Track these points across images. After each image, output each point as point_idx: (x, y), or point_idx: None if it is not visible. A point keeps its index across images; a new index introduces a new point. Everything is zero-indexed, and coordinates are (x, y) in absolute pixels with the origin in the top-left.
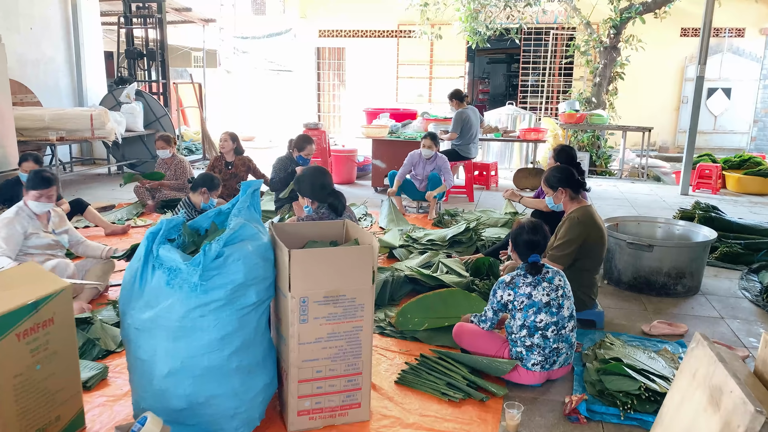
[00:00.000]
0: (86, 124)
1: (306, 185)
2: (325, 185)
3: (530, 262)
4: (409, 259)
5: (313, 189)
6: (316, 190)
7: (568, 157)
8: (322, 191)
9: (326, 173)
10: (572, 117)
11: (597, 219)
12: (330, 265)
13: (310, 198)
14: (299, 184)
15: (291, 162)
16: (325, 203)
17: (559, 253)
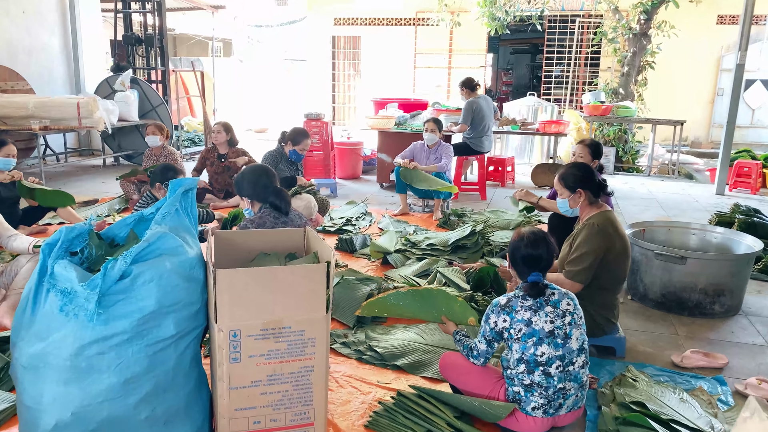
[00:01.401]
0: (72, 112)
1: (247, 185)
2: (267, 184)
3: (529, 281)
4: (405, 266)
5: (255, 188)
6: (258, 190)
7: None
8: (264, 191)
9: (269, 172)
10: (597, 109)
11: (619, 227)
12: (269, 289)
13: (250, 198)
14: (238, 184)
15: (281, 158)
16: (267, 203)
17: (577, 267)
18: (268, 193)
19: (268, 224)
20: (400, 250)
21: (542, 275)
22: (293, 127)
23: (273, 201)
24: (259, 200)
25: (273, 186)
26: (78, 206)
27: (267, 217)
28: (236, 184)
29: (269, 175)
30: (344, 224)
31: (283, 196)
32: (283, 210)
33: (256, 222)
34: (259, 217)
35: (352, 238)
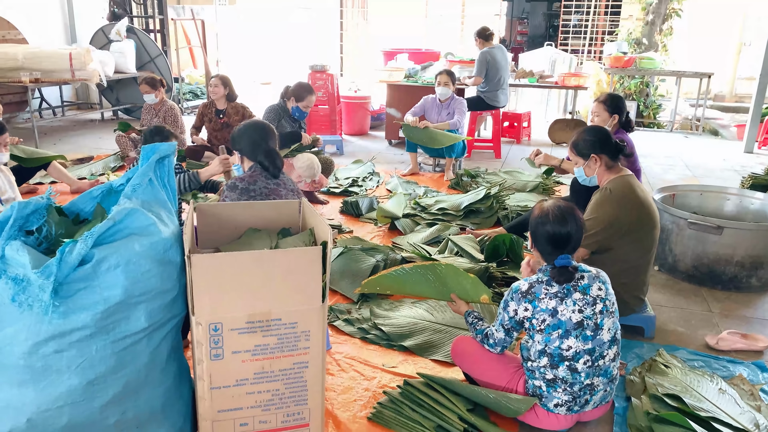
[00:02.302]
0: (65, 64)
1: (242, 139)
2: (260, 142)
3: (557, 265)
4: (415, 233)
5: (248, 144)
6: (251, 146)
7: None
8: (256, 148)
9: (266, 130)
10: (619, 60)
11: (637, 192)
12: (255, 276)
13: (241, 154)
14: (235, 138)
15: (284, 113)
16: (257, 162)
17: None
18: (259, 151)
19: (259, 182)
20: (409, 215)
21: (570, 256)
22: (297, 82)
23: (262, 161)
24: (251, 158)
25: (266, 145)
26: (71, 164)
27: (258, 176)
28: (232, 138)
29: (266, 132)
30: (350, 185)
31: (275, 158)
32: (270, 172)
33: (246, 180)
34: (250, 176)
35: (358, 201)
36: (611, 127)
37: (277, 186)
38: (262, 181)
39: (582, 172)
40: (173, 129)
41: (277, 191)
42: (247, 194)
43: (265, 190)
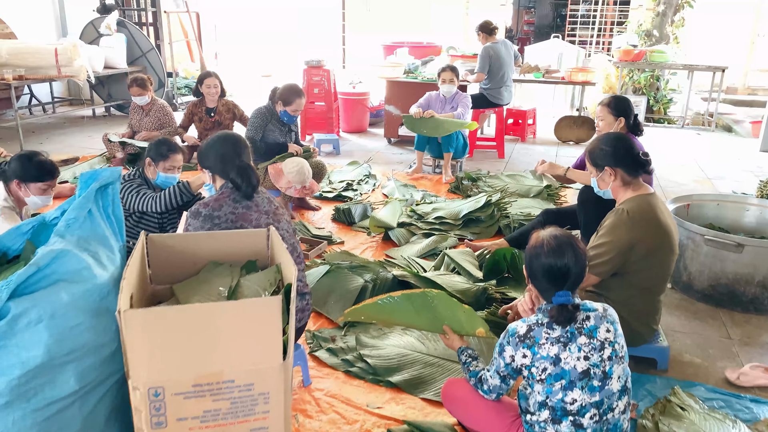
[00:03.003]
0: (50, 60)
1: (210, 155)
2: (231, 157)
3: (555, 303)
4: (410, 244)
5: (218, 160)
6: (221, 163)
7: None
8: (227, 164)
9: (237, 143)
10: (629, 54)
11: (658, 215)
12: (203, 333)
13: (211, 172)
14: (201, 153)
15: (272, 116)
16: (228, 180)
17: (596, 258)
18: (231, 167)
19: (226, 207)
20: (405, 224)
21: (572, 293)
22: (285, 84)
23: (234, 178)
24: (222, 175)
25: (239, 160)
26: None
27: (225, 200)
28: (199, 154)
29: (238, 146)
30: (344, 189)
31: (248, 175)
32: (243, 191)
33: (210, 205)
34: (216, 199)
35: (351, 208)
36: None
37: (248, 210)
38: (229, 205)
39: (596, 183)
40: (171, 127)
41: (246, 216)
42: (211, 221)
43: (231, 216)
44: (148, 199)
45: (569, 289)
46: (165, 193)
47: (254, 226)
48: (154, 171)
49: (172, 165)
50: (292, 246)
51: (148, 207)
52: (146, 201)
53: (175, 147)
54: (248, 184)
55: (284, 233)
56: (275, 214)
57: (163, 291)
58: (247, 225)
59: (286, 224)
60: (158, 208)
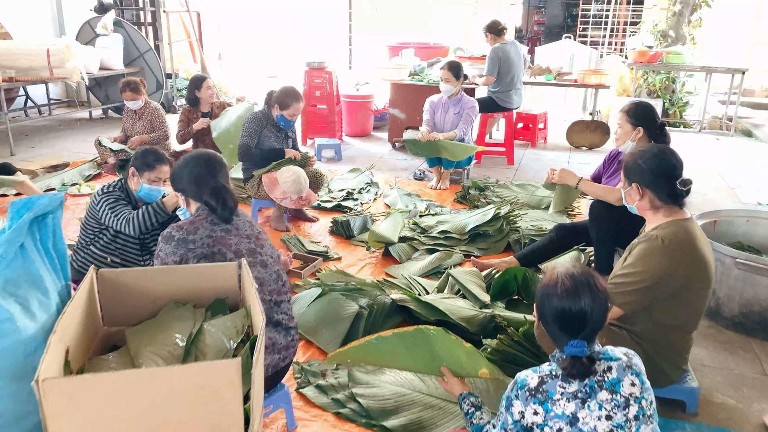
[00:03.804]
0: (42, 61)
1: (183, 176)
2: (206, 178)
3: (567, 354)
4: (412, 261)
5: (190, 182)
6: (194, 185)
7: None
8: (201, 186)
9: (212, 163)
10: (644, 55)
11: (697, 245)
12: (141, 404)
13: (184, 195)
14: (173, 175)
15: (267, 122)
16: (203, 203)
17: (623, 288)
18: (205, 189)
19: (201, 231)
20: (406, 239)
21: (588, 343)
22: (282, 87)
23: (208, 201)
24: (196, 198)
25: (214, 181)
26: (43, 172)
27: (201, 222)
28: (171, 177)
29: (213, 165)
30: (344, 198)
31: (224, 197)
32: (219, 214)
33: (185, 228)
34: (191, 222)
35: (349, 220)
36: (635, 141)
37: (226, 233)
38: (205, 227)
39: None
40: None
41: (224, 240)
42: (185, 246)
43: (208, 241)
44: (122, 220)
45: (585, 338)
46: (138, 215)
47: (234, 251)
48: (137, 182)
49: (158, 176)
50: (276, 274)
51: (121, 228)
52: (120, 221)
53: (163, 157)
54: (224, 206)
55: (267, 259)
56: (258, 239)
57: (119, 333)
58: (226, 250)
59: (270, 250)
60: (131, 231)
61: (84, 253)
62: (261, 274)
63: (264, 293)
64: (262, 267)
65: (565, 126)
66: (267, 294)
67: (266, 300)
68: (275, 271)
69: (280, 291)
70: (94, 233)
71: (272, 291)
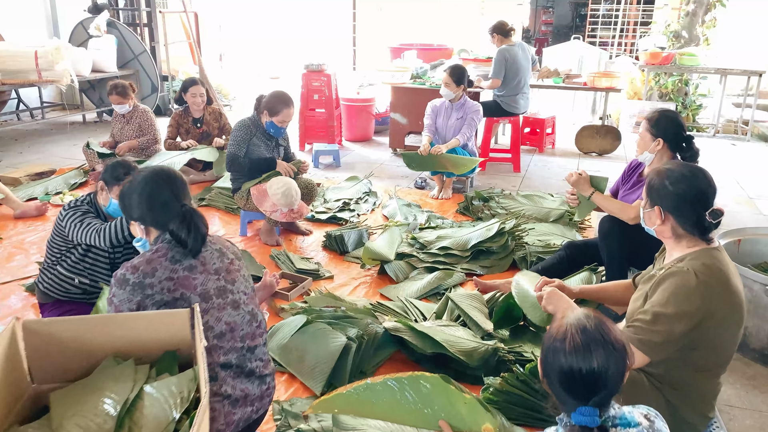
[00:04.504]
0: (30, 64)
1: (139, 202)
2: (166, 201)
3: (575, 424)
4: (409, 281)
5: (146, 208)
6: (152, 211)
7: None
8: (161, 212)
9: (171, 182)
10: (656, 57)
11: (732, 278)
12: None
13: (142, 223)
14: (126, 200)
15: (257, 129)
16: (166, 232)
17: (649, 335)
18: (169, 215)
19: (161, 271)
20: (404, 255)
21: (600, 411)
22: (271, 92)
23: (175, 231)
24: (158, 227)
25: (179, 204)
26: (29, 179)
27: (160, 261)
28: (122, 198)
29: (175, 185)
30: (340, 209)
31: (196, 224)
32: (191, 247)
33: (140, 269)
34: (148, 261)
35: (343, 234)
36: (654, 153)
37: (190, 271)
38: (165, 267)
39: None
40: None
41: (188, 281)
42: (142, 292)
43: (168, 285)
44: (92, 231)
45: (597, 404)
46: (112, 226)
47: (200, 293)
48: (106, 197)
49: None
50: (250, 314)
51: (91, 240)
52: (89, 233)
53: (134, 170)
54: (196, 235)
55: (240, 297)
56: (228, 272)
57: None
58: (190, 293)
59: (243, 283)
60: (102, 243)
61: (51, 274)
62: (232, 317)
63: (235, 339)
64: (234, 308)
65: (574, 131)
66: (238, 340)
67: (237, 348)
68: (249, 311)
69: (255, 334)
70: (61, 252)
71: (245, 336)
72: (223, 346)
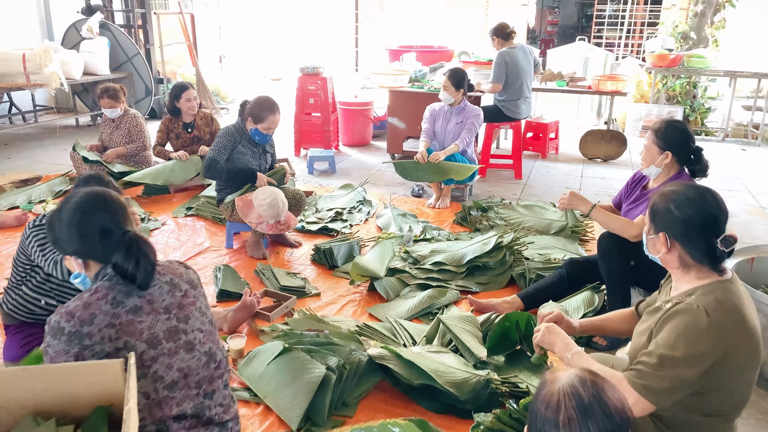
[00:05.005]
0: (18, 67)
1: (71, 233)
2: (103, 230)
3: None
4: (400, 299)
5: (85, 240)
6: (91, 242)
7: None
8: (100, 242)
9: (112, 205)
10: (664, 59)
11: (747, 314)
12: None
13: (78, 257)
14: (55, 232)
15: (241, 137)
16: (109, 265)
17: (653, 380)
18: (109, 245)
19: (99, 319)
20: (396, 270)
21: None
22: (255, 98)
23: (121, 263)
24: (100, 260)
25: (121, 231)
26: (13, 186)
27: (100, 305)
28: (50, 229)
29: (112, 209)
30: (332, 219)
31: (143, 252)
32: (138, 280)
33: (76, 316)
34: (85, 307)
35: (332, 248)
36: (661, 167)
37: (135, 314)
38: (105, 313)
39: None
40: (138, 142)
41: (132, 327)
42: (79, 342)
43: (109, 332)
44: (50, 261)
45: None
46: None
47: (146, 340)
48: None
49: None
50: (207, 355)
51: (50, 270)
52: (48, 262)
53: (106, 185)
54: (146, 266)
55: (195, 337)
56: (181, 307)
57: None
58: (135, 341)
59: (199, 319)
60: (60, 275)
61: (15, 294)
62: (186, 361)
63: (189, 387)
64: (187, 351)
65: (578, 135)
66: (194, 387)
67: (192, 395)
68: (205, 351)
69: (213, 377)
70: (26, 271)
71: (201, 381)
72: (175, 396)
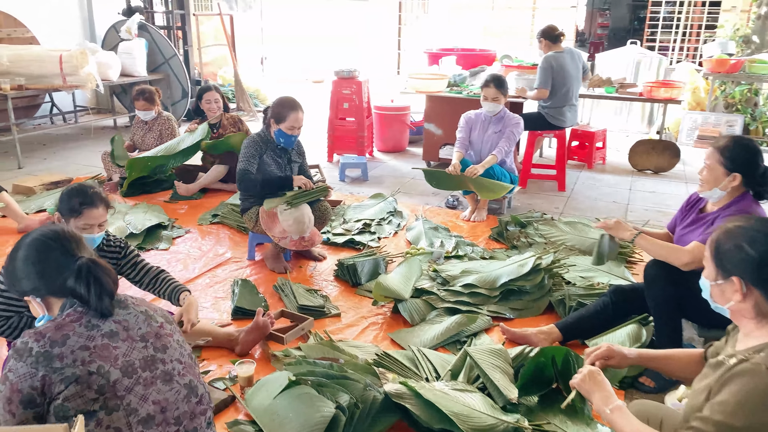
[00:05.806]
0: (55, 68)
1: (26, 273)
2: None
3: None
4: (426, 324)
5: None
6: (47, 275)
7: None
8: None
9: (63, 237)
10: (724, 64)
11: None
12: None
13: (36, 296)
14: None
15: (267, 146)
16: (68, 296)
17: None
18: (66, 274)
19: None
20: (423, 292)
21: None
22: (277, 98)
23: (76, 288)
24: (59, 293)
25: (76, 259)
26: (44, 188)
27: (73, 327)
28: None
29: (63, 241)
30: (359, 231)
31: (99, 277)
32: (95, 306)
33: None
34: (57, 327)
35: (356, 264)
36: (726, 190)
37: (111, 338)
38: (79, 334)
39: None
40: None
41: (107, 351)
42: (48, 365)
43: (82, 355)
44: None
45: None
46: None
47: (121, 367)
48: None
49: (87, 223)
50: (188, 387)
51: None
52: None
53: (93, 199)
54: (100, 291)
55: (173, 368)
56: (158, 337)
57: None
58: (110, 367)
59: (178, 350)
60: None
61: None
62: (163, 393)
63: (168, 423)
64: (165, 382)
65: (628, 145)
66: (172, 423)
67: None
68: (186, 383)
69: (194, 413)
70: None
71: (181, 416)
72: None
